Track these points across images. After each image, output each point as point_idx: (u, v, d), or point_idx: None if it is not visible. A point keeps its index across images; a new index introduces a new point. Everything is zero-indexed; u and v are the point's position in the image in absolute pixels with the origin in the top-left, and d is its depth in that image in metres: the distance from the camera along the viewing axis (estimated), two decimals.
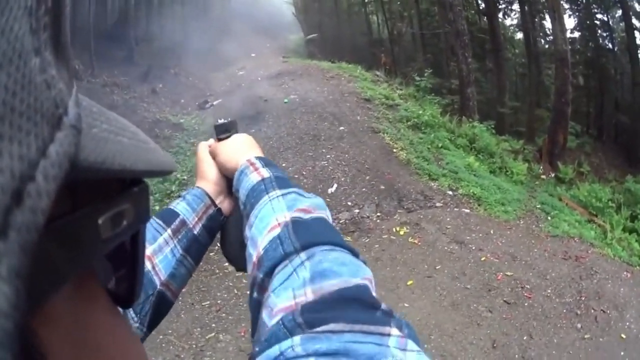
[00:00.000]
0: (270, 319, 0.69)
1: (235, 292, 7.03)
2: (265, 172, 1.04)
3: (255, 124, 12.85)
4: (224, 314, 6.58)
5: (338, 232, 0.87)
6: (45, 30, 0.25)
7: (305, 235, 0.80)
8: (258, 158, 1.12)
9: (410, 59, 24.85)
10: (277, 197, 0.93)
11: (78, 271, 0.32)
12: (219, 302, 6.84)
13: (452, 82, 20.98)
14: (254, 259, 0.84)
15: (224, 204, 1.26)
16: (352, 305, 0.66)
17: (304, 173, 10.36)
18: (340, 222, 8.77)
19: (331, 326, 0.60)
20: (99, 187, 0.37)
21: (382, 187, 10.00)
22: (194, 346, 5.95)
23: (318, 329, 0.61)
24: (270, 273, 0.77)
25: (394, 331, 0.61)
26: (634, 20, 21.41)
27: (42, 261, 0.25)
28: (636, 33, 21.41)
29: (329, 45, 25.95)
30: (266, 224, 0.87)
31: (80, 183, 0.32)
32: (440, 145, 12.97)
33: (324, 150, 11.30)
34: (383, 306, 0.66)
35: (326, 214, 0.93)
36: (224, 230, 1.26)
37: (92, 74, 14.47)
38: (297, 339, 0.60)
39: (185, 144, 12.46)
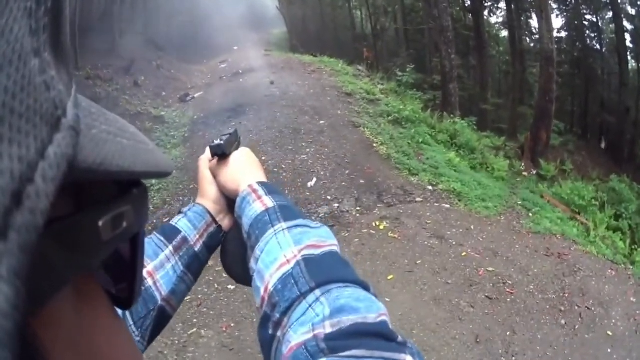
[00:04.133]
0: (287, 350, 0.71)
1: (216, 286, 6.94)
2: (269, 201, 1.03)
3: (236, 117, 12.84)
4: (205, 309, 6.52)
5: (349, 264, 0.88)
6: (45, 31, 0.25)
7: (318, 274, 0.82)
8: (260, 184, 1.10)
9: (393, 54, 25.01)
10: (283, 230, 0.93)
11: (79, 273, 0.34)
12: (199, 296, 6.74)
13: (434, 78, 21.19)
14: (262, 292, 0.85)
15: (224, 222, 1.26)
16: (371, 337, 0.69)
17: (284, 167, 10.29)
18: (320, 216, 8.69)
19: (353, 352, 0.65)
20: (99, 189, 0.37)
21: (362, 181, 9.98)
22: (177, 342, 5.88)
23: (341, 354, 0.65)
24: (286, 312, 0.78)
25: (408, 358, 0.66)
26: (625, 22, 21.61)
27: (42, 263, 0.26)
28: (626, 35, 21.62)
29: (311, 39, 26.16)
30: (274, 259, 0.87)
31: (83, 185, 0.34)
32: (420, 140, 12.97)
33: (304, 144, 11.28)
34: (399, 338, 0.70)
35: (335, 244, 0.93)
36: (224, 246, 1.25)
37: (75, 66, 14.28)
38: None
39: (166, 136, 12.45)
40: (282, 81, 15.51)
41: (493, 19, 25.43)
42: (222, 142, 1.21)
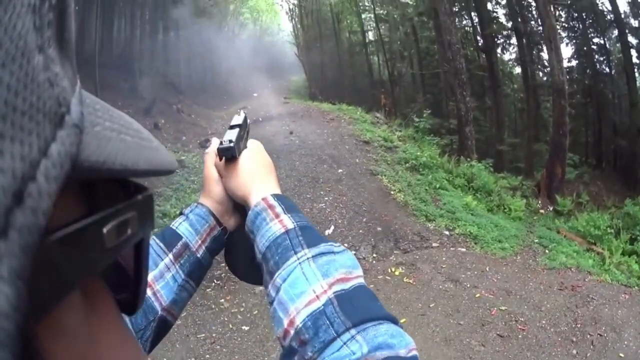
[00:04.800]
0: None
1: (230, 327, 7.05)
2: (289, 222, 0.97)
3: None
4: (218, 347, 6.62)
5: (376, 297, 0.89)
6: (49, 27, 0.26)
7: (353, 313, 0.82)
8: (276, 198, 1.04)
9: (410, 100, 24.88)
10: (307, 259, 0.90)
11: (81, 279, 0.33)
12: (214, 335, 6.85)
13: (451, 122, 21.04)
14: (286, 325, 0.84)
15: (229, 223, 1.19)
16: None
17: None
18: None
19: None
20: (105, 195, 0.37)
21: (379, 228, 10.02)
22: None
23: None
24: (321, 351, 0.79)
25: None
26: (630, 38, 21.43)
27: (46, 268, 0.26)
28: (632, 52, 21.47)
29: (330, 86, 26.13)
30: (300, 293, 0.85)
31: (89, 191, 0.34)
32: (438, 186, 12.97)
33: (322, 193, 11.36)
34: None
35: (361, 275, 0.93)
36: (229, 246, 1.21)
37: None
38: None
39: (186, 181, 12.11)
40: (301, 129, 15.64)
41: (506, 56, 25.36)
42: (232, 144, 1.10)
